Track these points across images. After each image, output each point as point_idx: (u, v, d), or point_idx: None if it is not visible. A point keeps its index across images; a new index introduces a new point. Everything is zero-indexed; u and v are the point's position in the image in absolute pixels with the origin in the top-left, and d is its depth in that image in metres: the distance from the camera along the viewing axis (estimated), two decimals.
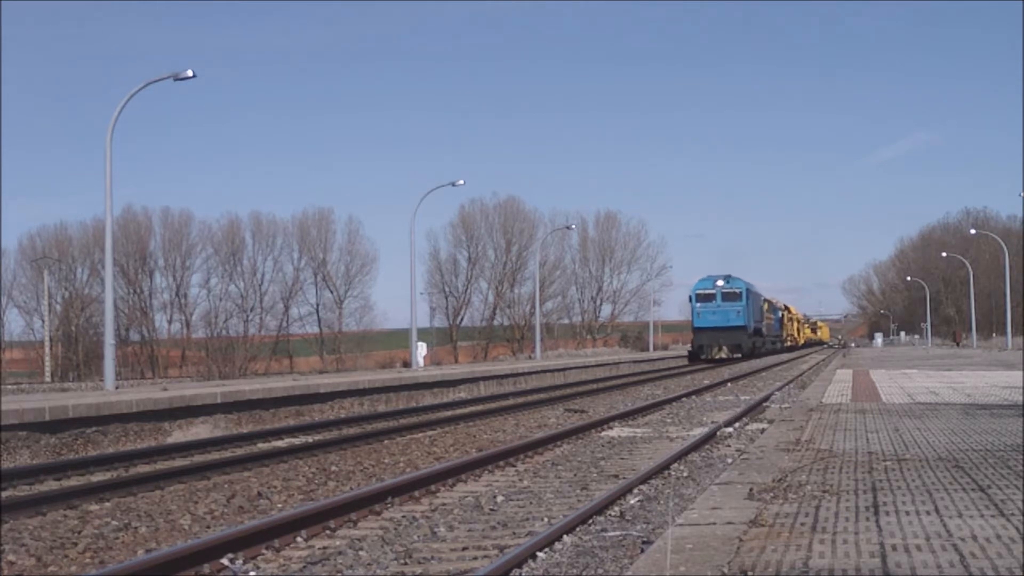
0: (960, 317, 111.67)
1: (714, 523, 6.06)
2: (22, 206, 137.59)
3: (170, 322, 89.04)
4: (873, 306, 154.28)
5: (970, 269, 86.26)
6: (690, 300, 63.78)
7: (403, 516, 9.27)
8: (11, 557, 7.89)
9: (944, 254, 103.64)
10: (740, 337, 61.72)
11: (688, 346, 67.61)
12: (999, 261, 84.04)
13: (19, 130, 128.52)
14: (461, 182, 47.06)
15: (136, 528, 8.98)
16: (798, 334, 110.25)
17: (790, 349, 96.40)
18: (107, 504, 10.34)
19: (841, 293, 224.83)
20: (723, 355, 61.46)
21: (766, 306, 75.31)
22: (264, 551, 7.80)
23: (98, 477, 12.48)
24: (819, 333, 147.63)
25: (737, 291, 62.39)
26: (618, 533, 8.20)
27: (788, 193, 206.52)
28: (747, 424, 17.49)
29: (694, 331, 63.17)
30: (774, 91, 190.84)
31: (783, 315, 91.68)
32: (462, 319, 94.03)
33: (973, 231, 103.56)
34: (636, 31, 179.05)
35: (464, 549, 7.89)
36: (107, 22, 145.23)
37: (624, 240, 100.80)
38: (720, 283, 62.41)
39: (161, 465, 13.46)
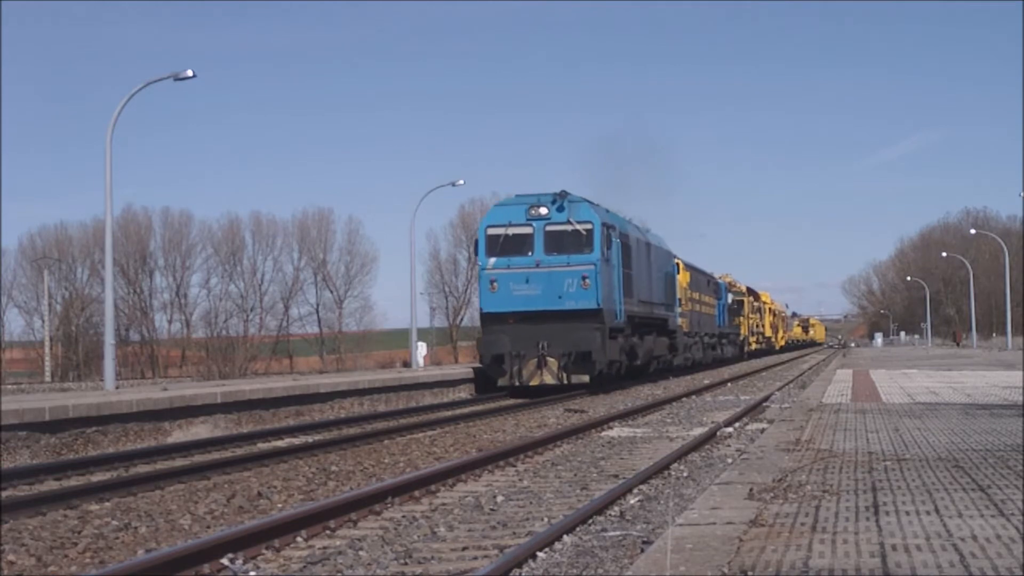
0: (960, 317, 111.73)
1: (714, 523, 6.06)
2: (22, 206, 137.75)
3: (170, 322, 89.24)
4: (873, 306, 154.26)
5: (970, 269, 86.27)
6: (475, 250, 28.52)
7: (403, 516, 9.27)
8: (11, 557, 7.89)
9: (944, 254, 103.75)
10: (588, 337, 26.52)
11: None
12: (999, 261, 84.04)
13: (19, 130, 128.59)
14: (461, 182, 46.97)
15: (136, 528, 8.98)
16: (775, 333, 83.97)
17: (758, 354, 68.63)
18: (107, 504, 10.33)
19: (841, 293, 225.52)
20: (549, 379, 26.53)
21: (686, 278, 40.86)
22: (264, 551, 7.80)
23: (98, 477, 12.47)
24: (812, 332, 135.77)
25: (583, 229, 27.08)
26: (618, 533, 8.20)
27: (788, 193, 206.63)
28: (747, 424, 17.49)
29: (481, 320, 28.44)
30: (775, 92, 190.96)
31: (744, 302, 62.48)
32: (462, 319, 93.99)
33: (973, 231, 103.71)
34: (636, 32, 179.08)
35: (464, 549, 7.89)
36: (107, 22, 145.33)
37: None
38: (542, 210, 27.17)
39: (161, 465, 13.45)
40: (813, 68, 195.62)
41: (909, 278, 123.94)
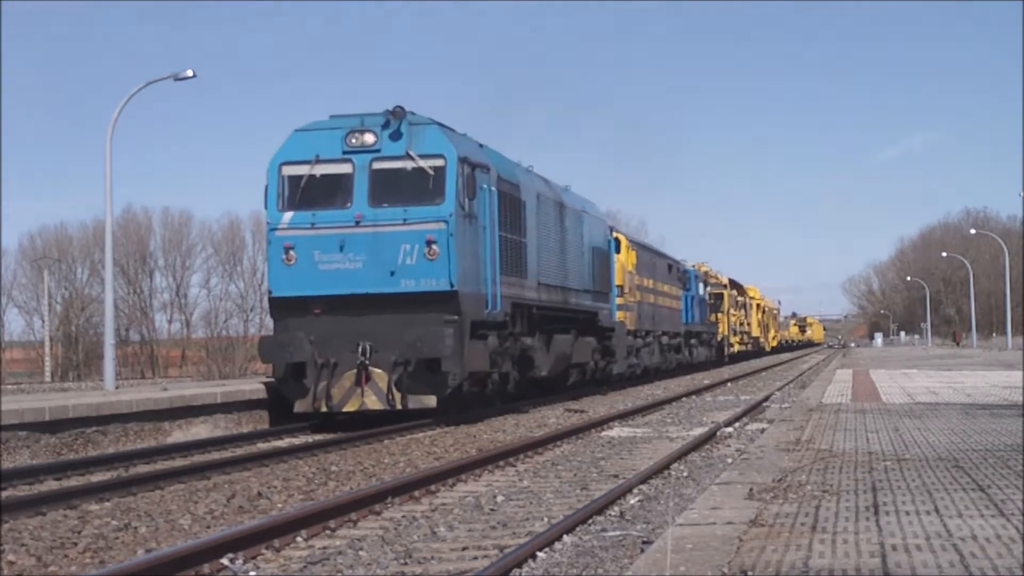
0: (960, 317, 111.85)
1: (714, 523, 6.06)
2: (22, 206, 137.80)
3: (170, 322, 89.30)
4: (873, 306, 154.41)
5: (970, 269, 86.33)
6: (265, 202, 17.90)
7: (403, 516, 9.27)
8: (11, 557, 7.88)
9: (944, 254, 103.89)
10: (434, 335, 16.72)
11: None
12: (999, 261, 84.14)
13: (19, 130, 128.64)
14: None
15: (136, 528, 8.98)
16: (764, 332, 75.40)
17: (743, 357, 60.18)
18: (107, 504, 10.32)
19: (841, 293, 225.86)
20: (372, 402, 17.12)
21: (631, 260, 32.32)
22: (264, 551, 7.80)
23: (98, 477, 12.47)
24: (810, 332, 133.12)
25: (429, 166, 17.18)
26: (618, 533, 8.20)
27: (788, 193, 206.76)
28: (747, 424, 17.50)
29: (271, 308, 18.96)
30: (775, 92, 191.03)
31: (724, 296, 53.85)
32: None
33: (973, 231, 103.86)
34: (636, 32, 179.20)
35: (464, 549, 7.89)
36: (107, 22, 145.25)
37: None
38: (368, 138, 17.47)
39: (161, 465, 13.45)
40: (814, 69, 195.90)
41: (909, 278, 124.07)
